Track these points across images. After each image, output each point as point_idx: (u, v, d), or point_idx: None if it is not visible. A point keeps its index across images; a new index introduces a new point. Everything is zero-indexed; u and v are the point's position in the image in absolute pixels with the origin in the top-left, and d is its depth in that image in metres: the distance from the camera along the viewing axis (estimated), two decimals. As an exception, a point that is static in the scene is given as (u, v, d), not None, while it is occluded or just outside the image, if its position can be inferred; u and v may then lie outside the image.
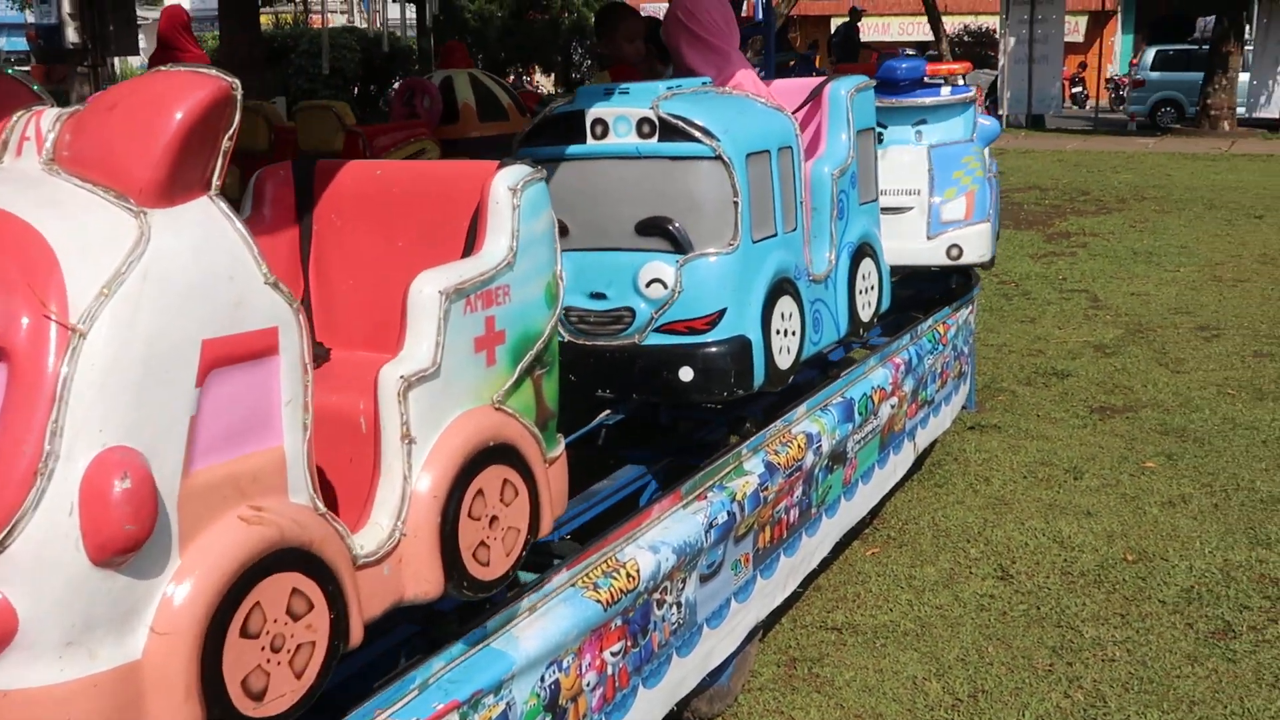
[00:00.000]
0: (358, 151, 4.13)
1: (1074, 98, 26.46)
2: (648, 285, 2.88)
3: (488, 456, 2.04)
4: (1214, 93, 19.78)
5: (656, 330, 2.92)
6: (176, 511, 1.56)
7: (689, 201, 2.88)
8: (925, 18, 21.17)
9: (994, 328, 7.33)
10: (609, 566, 2.57)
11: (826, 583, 3.98)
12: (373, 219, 2.34)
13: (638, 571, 2.61)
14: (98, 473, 1.44)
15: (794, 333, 3.13)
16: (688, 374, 2.88)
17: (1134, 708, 3.25)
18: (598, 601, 2.47)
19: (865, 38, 18.80)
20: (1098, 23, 29.76)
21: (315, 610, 1.72)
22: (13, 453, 1.42)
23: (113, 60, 11.82)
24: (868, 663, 3.50)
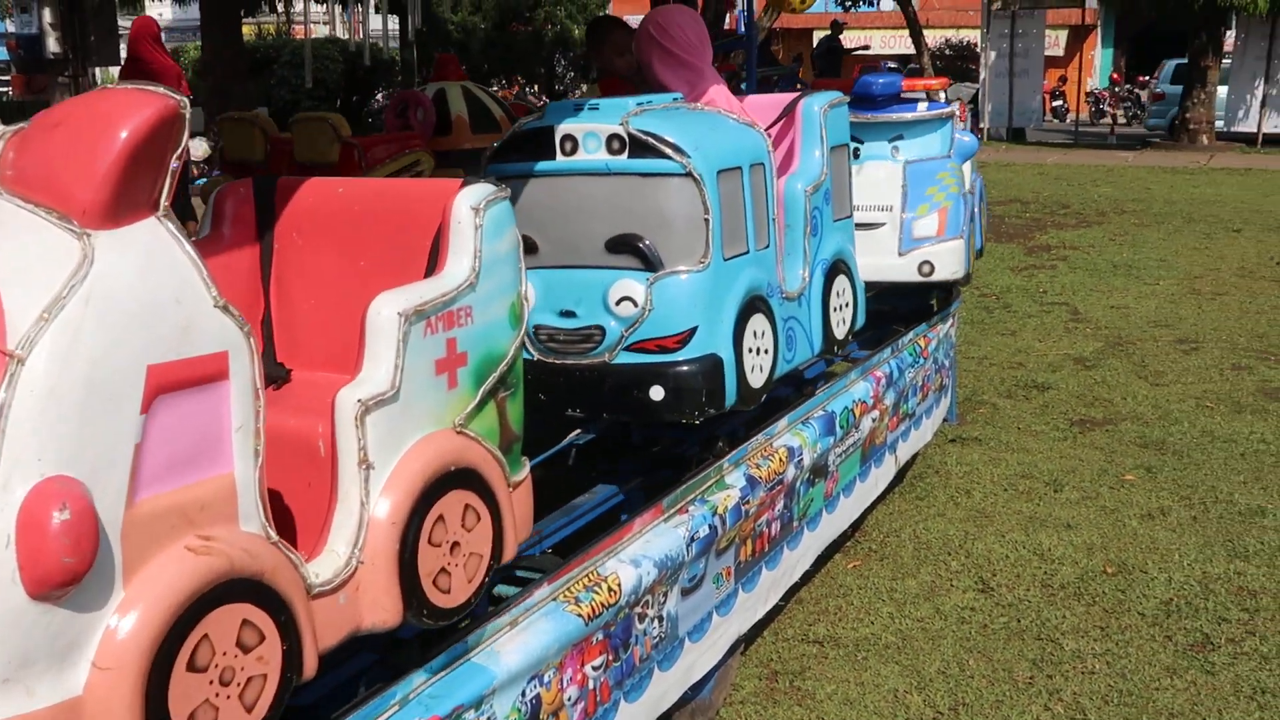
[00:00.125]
0: (353, 162, 4.09)
1: (1054, 111, 26.60)
2: (618, 303, 2.85)
3: (449, 481, 2.00)
4: (1192, 107, 19.88)
5: (627, 349, 2.88)
6: (120, 542, 1.51)
7: (659, 219, 2.85)
8: (907, 31, 21.25)
9: (975, 340, 7.33)
10: (590, 580, 2.56)
11: (808, 595, 3.97)
12: (335, 238, 2.30)
13: (619, 585, 2.60)
14: (35, 503, 1.40)
15: (767, 351, 3.10)
16: (658, 393, 2.85)
17: (1113, 721, 3.24)
18: (579, 615, 2.46)
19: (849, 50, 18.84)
20: (1078, 37, 29.96)
21: (267, 642, 1.68)
22: (-54, 484, 1.38)
23: (94, 70, 11.74)
24: (849, 675, 3.50)
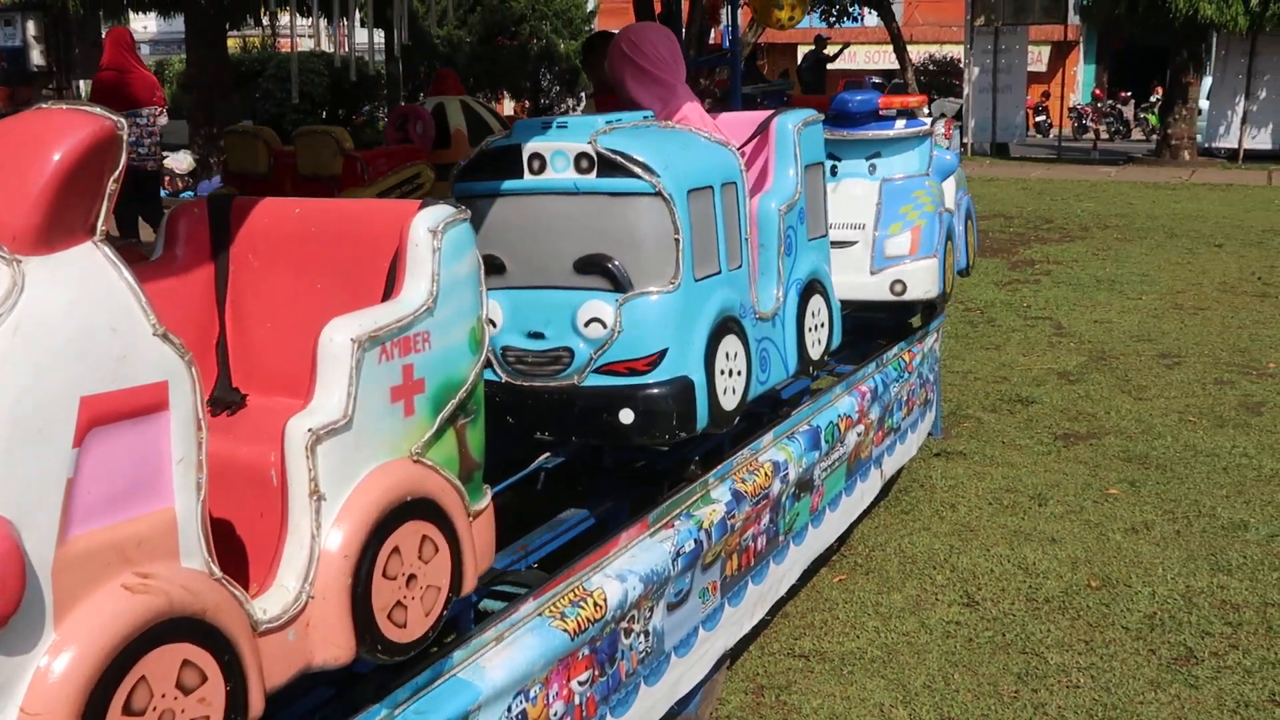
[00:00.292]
0: (356, 175, 4.08)
1: (1038, 126, 26.73)
2: (586, 325, 2.80)
3: (405, 512, 1.94)
4: (1174, 123, 19.97)
5: (596, 371, 2.83)
6: (50, 581, 1.45)
7: (629, 239, 2.80)
8: (891, 47, 21.31)
9: (959, 355, 7.31)
10: (576, 595, 2.53)
11: (794, 610, 3.94)
12: (291, 259, 2.25)
13: (605, 600, 2.57)
14: (-42, 543, 1.34)
15: (739, 373, 3.05)
16: (628, 416, 2.80)
17: (1097, 736, 3.23)
18: (565, 631, 2.43)
19: (833, 66, 18.84)
20: (1060, 53, 30.11)
21: (209, 682, 1.61)
22: None
23: (78, 83, 11.67)
24: (835, 690, 3.47)
